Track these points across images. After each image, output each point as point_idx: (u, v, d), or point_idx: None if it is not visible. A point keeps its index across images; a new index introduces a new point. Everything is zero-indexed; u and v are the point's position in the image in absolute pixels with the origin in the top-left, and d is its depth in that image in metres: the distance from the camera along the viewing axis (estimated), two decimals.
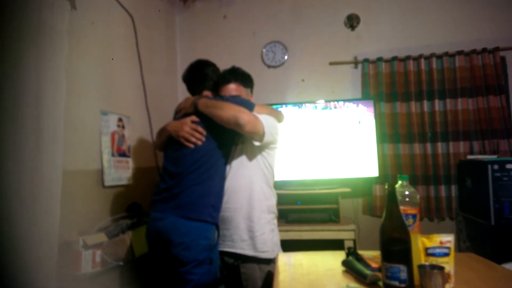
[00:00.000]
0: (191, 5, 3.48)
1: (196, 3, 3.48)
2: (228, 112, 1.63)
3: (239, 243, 1.72)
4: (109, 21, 2.32)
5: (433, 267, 1.00)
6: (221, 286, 1.68)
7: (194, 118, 1.74)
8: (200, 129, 1.71)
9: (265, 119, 1.70)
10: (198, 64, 1.91)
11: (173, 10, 3.47)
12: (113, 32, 2.36)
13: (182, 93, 3.35)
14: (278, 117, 1.87)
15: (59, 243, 1.53)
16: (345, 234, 2.65)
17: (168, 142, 1.82)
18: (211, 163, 1.71)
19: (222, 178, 1.76)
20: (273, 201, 1.84)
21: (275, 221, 1.85)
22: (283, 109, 2.93)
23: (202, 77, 1.87)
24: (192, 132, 1.70)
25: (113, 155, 2.19)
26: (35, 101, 1.48)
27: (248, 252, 1.71)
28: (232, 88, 1.82)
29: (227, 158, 1.81)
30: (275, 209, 1.84)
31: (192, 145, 1.70)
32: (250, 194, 1.75)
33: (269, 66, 3.33)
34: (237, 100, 1.73)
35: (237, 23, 3.42)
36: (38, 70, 1.50)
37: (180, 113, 1.82)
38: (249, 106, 1.71)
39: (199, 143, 1.70)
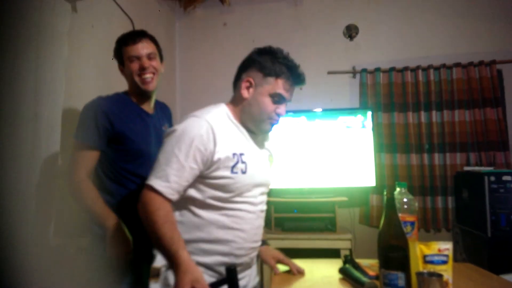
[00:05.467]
0: (192, 12, 3.50)
1: (196, 9, 3.50)
2: None
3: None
4: (109, 25, 2.32)
5: (431, 274, 1.00)
6: None
7: None
8: None
9: None
10: None
11: (173, 15, 3.49)
12: (113, 35, 2.34)
13: (180, 98, 3.36)
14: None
15: (54, 243, 1.52)
16: (342, 243, 2.64)
17: None
18: None
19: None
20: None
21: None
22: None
23: None
24: None
25: None
26: (34, 103, 1.47)
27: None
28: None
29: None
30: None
31: None
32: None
33: None
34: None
35: (237, 31, 3.44)
36: (38, 72, 1.49)
37: None
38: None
39: None
